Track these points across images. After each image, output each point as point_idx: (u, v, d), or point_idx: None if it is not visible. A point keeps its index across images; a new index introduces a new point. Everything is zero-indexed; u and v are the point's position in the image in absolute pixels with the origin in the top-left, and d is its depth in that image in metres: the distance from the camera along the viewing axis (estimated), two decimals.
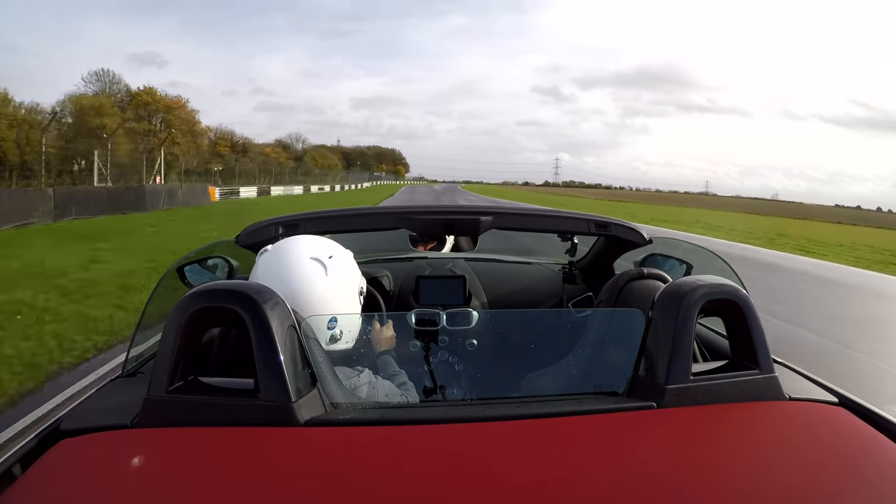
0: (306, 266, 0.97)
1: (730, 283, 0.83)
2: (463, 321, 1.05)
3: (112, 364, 3.30)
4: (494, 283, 1.78)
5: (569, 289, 1.79)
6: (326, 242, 1.04)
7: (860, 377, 3.60)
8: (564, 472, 0.62)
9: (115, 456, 0.67)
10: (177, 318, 0.73)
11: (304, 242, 1.02)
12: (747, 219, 30.17)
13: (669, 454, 0.67)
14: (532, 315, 1.29)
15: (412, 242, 2.15)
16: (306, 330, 0.80)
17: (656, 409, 0.74)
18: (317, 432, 0.69)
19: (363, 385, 0.93)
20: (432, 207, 1.36)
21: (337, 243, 1.07)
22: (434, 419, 0.75)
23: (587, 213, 1.43)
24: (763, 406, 0.78)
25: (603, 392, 0.86)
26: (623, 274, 1.13)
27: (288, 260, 0.97)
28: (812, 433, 0.74)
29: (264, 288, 0.77)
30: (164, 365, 0.72)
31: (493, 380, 1.06)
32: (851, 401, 0.84)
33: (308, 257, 0.98)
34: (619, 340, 0.93)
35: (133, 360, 1.05)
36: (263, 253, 1.02)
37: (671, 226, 19.20)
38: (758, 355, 0.80)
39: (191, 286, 1.22)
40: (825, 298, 6.96)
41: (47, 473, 0.64)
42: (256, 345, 0.70)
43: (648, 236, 1.41)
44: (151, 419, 0.72)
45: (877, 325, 5.48)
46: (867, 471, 0.64)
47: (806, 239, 17.90)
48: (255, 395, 0.70)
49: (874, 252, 14.42)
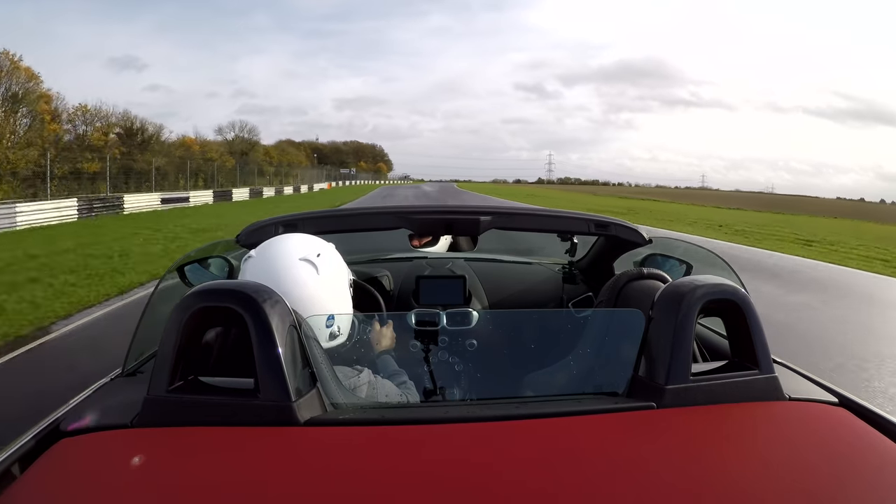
0: (297, 268, 0.95)
1: (730, 283, 0.83)
2: (463, 321, 1.05)
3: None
4: (494, 284, 1.78)
5: (569, 289, 1.79)
6: (310, 240, 1.03)
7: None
8: (564, 472, 0.62)
9: (115, 456, 0.67)
10: (177, 318, 0.73)
11: (289, 244, 1.00)
12: (768, 217, 25.29)
13: (669, 454, 0.67)
14: (532, 315, 1.29)
15: (409, 237, 2.15)
16: (306, 330, 0.80)
17: (656, 409, 0.74)
18: (317, 432, 0.69)
19: (363, 385, 0.93)
20: (432, 207, 1.36)
21: (319, 238, 1.06)
22: (434, 419, 0.75)
23: (587, 213, 1.43)
24: (763, 406, 0.78)
25: (603, 392, 0.86)
26: (623, 274, 1.13)
27: (276, 264, 0.95)
28: (812, 433, 0.74)
29: (264, 287, 0.77)
30: (164, 364, 0.72)
31: (493, 380, 1.06)
32: (851, 401, 0.84)
33: (297, 259, 0.96)
34: (619, 340, 0.93)
35: (133, 360, 1.05)
36: (248, 259, 0.99)
37: (719, 235, 13.80)
38: (758, 355, 0.80)
39: (191, 286, 1.22)
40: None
41: (47, 473, 0.64)
42: (256, 344, 0.70)
43: (648, 236, 1.41)
44: (151, 419, 0.72)
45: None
46: (867, 471, 0.64)
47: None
48: (255, 395, 0.70)
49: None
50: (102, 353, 3.41)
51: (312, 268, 0.96)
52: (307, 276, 0.95)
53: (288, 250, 0.98)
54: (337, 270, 1.02)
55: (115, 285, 5.75)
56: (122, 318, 4.46)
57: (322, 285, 0.97)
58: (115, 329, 4.13)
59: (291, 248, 0.98)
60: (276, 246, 1.00)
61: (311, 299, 0.94)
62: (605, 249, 1.70)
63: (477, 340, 1.13)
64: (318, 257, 0.98)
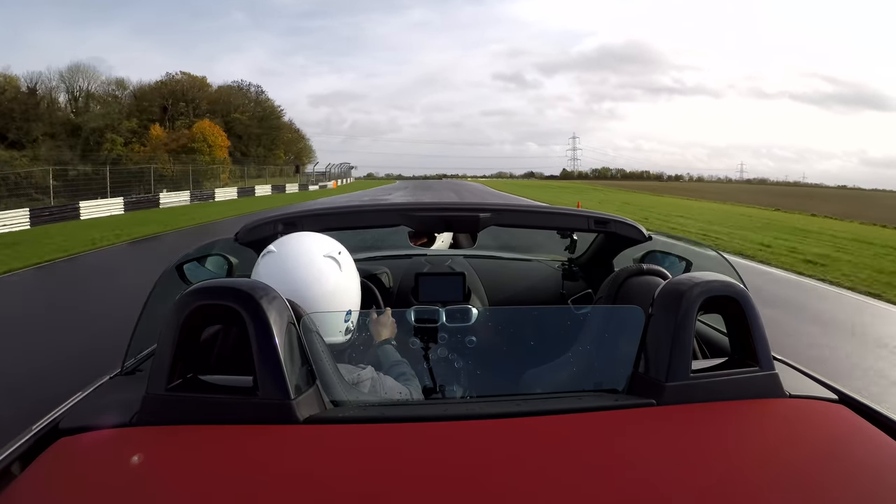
0: (321, 265, 0.97)
1: (730, 280, 0.83)
2: (462, 318, 1.05)
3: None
4: (494, 280, 1.78)
5: (568, 285, 1.79)
6: (328, 238, 1.05)
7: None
8: (565, 469, 0.62)
9: (114, 454, 0.66)
10: (175, 316, 0.73)
11: (312, 241, 1.02)
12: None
13: (669, 451, 0.67)
14: (531, 312, 1.29)
15: (409, 236, 2.15)
16: (308, 325, 0.80)
17: (656, 406, 0.74)
18: (316, 430, 0.69)
19: (366, 381, 0.93)
20: (432, 204, 1.36)
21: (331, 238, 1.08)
22: (433, 417, 0.75)
23: (586, 210, 1.43)
24: (763, 403, 0.78)
25: (603, 389, 0.86)
26: (622, 270, 1.13)
27: (301, 260, 0.97)
28: (812, 430, 0.74)
29: (262, 284, 0.76)
30: (162, 363, 0.72)
31: (493, 377, 1.06)
32: (851, 398, 0.84)
33: (321, 255, 0.98)
34: (619, 337, 0.93)
35: (131, 358, 1.05)
36: (267, 254, 1.00)
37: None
38: (758, 352, 0.79)
39: (190, 284, 1.21)
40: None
41: (46, 472, 0.64)
42: (255, 342, 0.70)
43: (647, 233, 1.41)
44: (150, 417, 0.71)
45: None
46: (867, 467, 0.64)
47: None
48: (253, 393, 0.70)
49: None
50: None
51: (336, 264, 0.99)
52: (331, 273, 0.98)
53: (311, 247, 1.00)
54: (354, 268, 1.05)
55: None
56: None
57: (344, 282, 1.00)
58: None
59: (314, 246, 1.00)
60: (299, 242, 1.01)
61: (332, 295, 0.97)
62: (605, 246, 1.69)
63: (476, 337, 1.13)
64: (340, 255, 1.01)
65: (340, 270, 0.99)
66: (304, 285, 0.93)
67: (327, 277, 0.97)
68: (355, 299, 1.04)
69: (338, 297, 0.98)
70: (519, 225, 1.39)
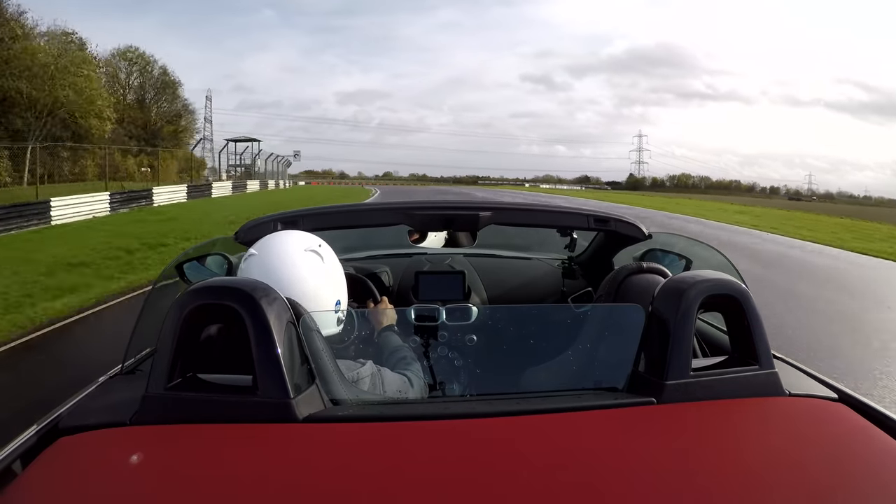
0: (303, 260, 0.98)
1: (730, 279, 0.82)
2: (462, 316, 1.04)
3: None
4: (494, 279, 1.78)
5: (568, 284, 1.79)
6: (306, 234, 1.06)
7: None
8: (565, 468, 0.62)
9: (114, 453, 0.66)
10: (175, 315, 0.73)
11: (291, 239, 1.03)
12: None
13: (669, 450, 0.67)
14: (531, 310, 1.29)
15: (409, 233, 2.15)
16: (308, 323, 0.80)
17: (656, 404, 0.74)
18: (316, 429, 0.69)
19: (366, 377, 0.93)
20: (432, 203, 1.36)
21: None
22: (433, 415, 0.75)
23: (586, 208, 1.43)
24: (763, 402, 0.78)
25: (603, 388, 0.86)
26: (622, 268, 1.13)
27: (283, 259, 0.97)
28: (811, 429, 0.74)
29: (262, 284, 0.76)
30: (162, 362, 0.72)
31: (493, 375, 1.06)
32: (851, 397, 0.84)
33: (302, 250, 0.99)
34: (619, 336, 0.93)
35: (131, 358, 1.05)
36: (250, 257, 1.00)
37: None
38: (758, 351, 0.79)
39: (190, 283, 1.21)
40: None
41: (47, 471, 0.64)
42: (254, 341, 0.70)
43: (647, 231, 1.41)
44: (150, 416, 0.71)
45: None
46: (866, 466, 0.64)
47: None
48: (253, 392, 0.70)
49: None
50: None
51: (318, 257, 1.00)
52: (315, 266, 0.99)
53: (291, 244, 1.01)
54: (336, 258, 1.06)
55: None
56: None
57: (328, 273, 1.01)
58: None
59: (295, 243, 1.01)
60: (279, 241, 1.02)
61: (320, 288, 0.98)
62: (605, 244, 1.69)
63: (476, 336, 1.13)
64: (321, 247, 1.02)
65: (323, 262, 1.00)
66: (291, 283, 0.93)
67: (313, 272, 0.98)
68: (342, 288, 1.05)
69: (326, 290, 0.99)
70: (519, 224, 1.39)
